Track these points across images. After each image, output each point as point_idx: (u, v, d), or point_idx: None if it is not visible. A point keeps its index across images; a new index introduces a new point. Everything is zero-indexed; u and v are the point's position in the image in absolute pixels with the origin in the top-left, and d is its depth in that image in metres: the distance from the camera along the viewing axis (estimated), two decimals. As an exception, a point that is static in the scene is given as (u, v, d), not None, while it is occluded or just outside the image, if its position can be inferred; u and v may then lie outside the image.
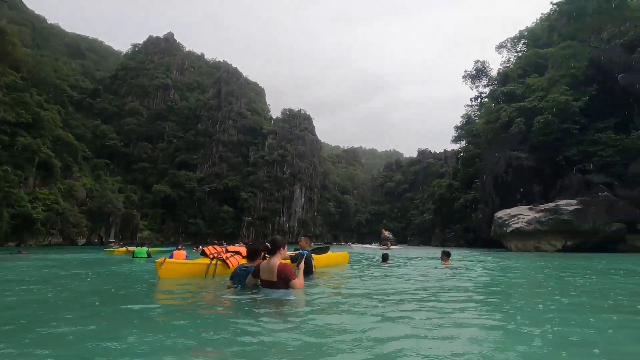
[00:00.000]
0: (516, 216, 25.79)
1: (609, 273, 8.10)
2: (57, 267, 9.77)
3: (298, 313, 3.24)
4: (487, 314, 3.26)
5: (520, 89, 40.91)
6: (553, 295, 4.59)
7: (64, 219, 48.47)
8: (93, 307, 3.72)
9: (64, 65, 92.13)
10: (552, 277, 7.31)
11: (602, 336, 2.49)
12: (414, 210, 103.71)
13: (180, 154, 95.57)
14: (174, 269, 6.18)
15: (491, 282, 6.13)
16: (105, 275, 7.41)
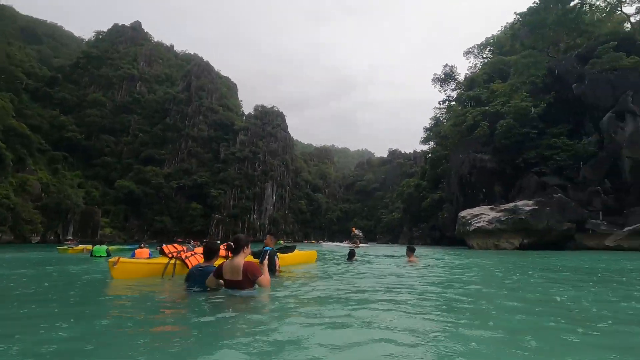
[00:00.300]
0: (478, 215, 26.95)
1: (554, 269, 8.67)
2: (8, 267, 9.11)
3: (264, 311, 3.25)
4: (436, 312, 3.37)
5: (485, 93, 42.74)
6: (503, 292, 4.83)
7: (15, 215, 45.29)
8: (26, 311, 3.47)
9: (17, 51, 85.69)
10: (508, 274, 7.71)
11: (535, 326, 2.66)
12: (383, 209, 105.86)
13: (146, 149, 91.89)
14: (129, 269, 5.81)
15: (448, 279, 6.37)
16: (52, 276, 6.87)
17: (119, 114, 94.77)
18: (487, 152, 36.04)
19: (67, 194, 57.62)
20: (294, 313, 3.18)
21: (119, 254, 13.40)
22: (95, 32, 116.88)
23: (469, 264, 10.64)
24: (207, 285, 4.08)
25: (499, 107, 35.89)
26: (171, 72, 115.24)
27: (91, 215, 62.24)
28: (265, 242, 6.44)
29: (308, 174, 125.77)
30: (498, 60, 48.46)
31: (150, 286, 5.00)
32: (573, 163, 29.59)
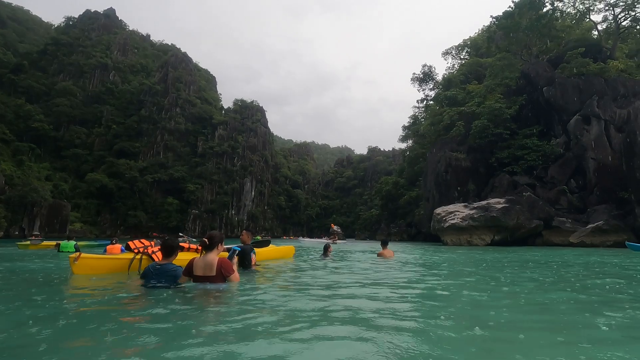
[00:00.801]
0: (453, 213, 27.73)
1: (523, 264, 9.06)
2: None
3: (232, 303, 3.26)
4: (404, 306, 3.46)
5: (462, 94, 43.86)
6: (473, 285, 5.01)
7: (-24, 208, 42.84)
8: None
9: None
10: (477, 268, 7.97)
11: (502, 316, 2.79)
12: (362, 205, 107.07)
13: (120, 141, 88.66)
14: (90, 264, 5.56)
15: (418, 273, 6.53)
16: (5, 272, 6.47)
17: (91, 104, 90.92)
18: (462, 151, 37.06)
19: (33, 187, 54.96)
20: (263, 306, 3.18)
21: (89, 250, 12.94)
22: (65, 18, 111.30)
23: (440, 259, 10.94)
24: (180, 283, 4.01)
25: (474, 108, 36.94)
26: (147, 63, 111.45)
27: (59, 210, 59.64)
28: (242, 239, 6.38)
29: (288, 170, 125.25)
30: (474, 62, 49.80)
31: (113, 283, 4.71)
32: (542, 163, 30.93)
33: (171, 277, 3.92)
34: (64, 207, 60.85)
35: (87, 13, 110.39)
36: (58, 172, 74.39)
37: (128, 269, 5.61)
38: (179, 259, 5.35)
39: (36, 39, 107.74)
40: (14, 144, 64.94)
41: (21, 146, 66.73)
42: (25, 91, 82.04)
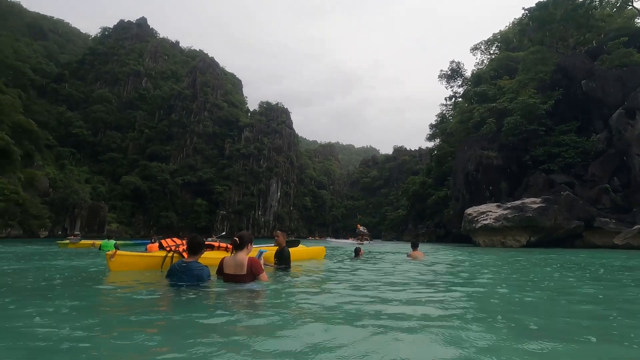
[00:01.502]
0: (485, 213, 26.80)
1: (566, 267, 8.60)
2: (4, 260, 9.22)
3: (267, 305, 3.25)
4: (440, 308, 3.36)
5: (492, 90, 42.37)
6: (510, 288, 4.80)
7: (23, 210, 45.77)
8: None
9: (25, 47, 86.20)
10: (515, 270, 7.66)
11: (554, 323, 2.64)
12: (388, 206, 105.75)
13: (152, 145, 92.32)
14: (125, 261, 5.85)
15: (456, 275, 6.35)
16: (49, 269, 6.77)
17: (125, 110, 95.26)
18: (493, 149, 35.77)
19: (74, 190, 58.16)
20: (298, 307, 3.17)
21: (131, 249, 13.53)
22: (101, 29, 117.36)
23: (478, 261, 10.59)
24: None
25: (506, 104, 35.57)
26: (176, 69, 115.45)
27: (98, 211, 62.74)
28: (278, 240, 6.36)
29: (313, 171, 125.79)
30: (505, 57, 47.99)
31: (146, 280, 4.82)
32: (581, 161, 29.28)
33: (196, 275, 3.89)
34: (101, 208, 63.97)
35: (121, 23, 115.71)
36: (96, 175, 78.41)
37: (161, 267, 5.79)
38: (208, 257, 5.50)
39: (75, 49, 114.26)
40: (56, 149, 69.08)
41: (63, 151, 70.86)
42: (66, 99, 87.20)
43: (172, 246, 6.08)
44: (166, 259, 5.84)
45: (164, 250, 6.05)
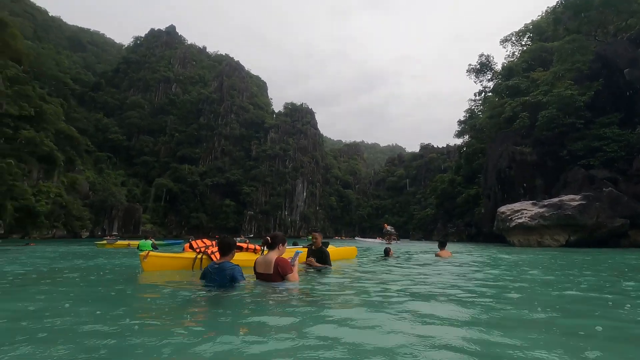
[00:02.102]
0: (519, 211, 25.70)
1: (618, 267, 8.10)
2: (48, 259, 9.83)
3: (295, 302, 3.25)
4: (481, 311, 3.25)
5: (525, 83, 40.59)
6: (550, 291, 4.58)
7: (67, 212, 48.74)
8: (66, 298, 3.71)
9: (65, 58, 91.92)
10: (556, 272, 7.30)
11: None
12: (415, 204, 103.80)
13: (182, 148, 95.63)
14: (157, 262, 6.08)
15: (494, 276, 6.13)
16: (89, 268, 7.12)
17: (157, 115, 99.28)
18: (527, 144, 34.25)
19: (112, 192, 61.28)
20: (331, 308, 3.11)
21: (169, 249, 14.09)
22: (133, 38, 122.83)
23: (516, 260, 10.18)
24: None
25: (540, 97, 33.94)
26: (204, 73, 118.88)
27: (133, 212, 65.73)
28: (317, 242, 6.38)
29: (338, 171, 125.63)
30: (538, 47, 45.80)
31: (180, 282, 4.87)
32: (625, 155, 27.44)
33: (229, 275, 3.85)
34: (137, 209, 66.95)
35: (152, 32, 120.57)
36: (131, 178, 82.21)
37: (192, 267, 6.03)
38: (237, 259, 5.62)
39: (110, 59, 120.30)
40: (95, 154, 73.01)
41: (101, 156, 74.81)
42: (103, 106, 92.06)
43: (201, 247, 6.29)
44: (196, 260, 6.08)
45: (194, 252, 6.27)
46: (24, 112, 47.41)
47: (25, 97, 49.01)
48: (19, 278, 5.46)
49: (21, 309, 2.99)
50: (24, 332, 2.25)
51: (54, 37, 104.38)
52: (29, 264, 8.22)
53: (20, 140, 45.55)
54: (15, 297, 3.76)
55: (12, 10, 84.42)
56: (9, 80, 46.61)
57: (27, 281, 5.21)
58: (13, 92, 46.89)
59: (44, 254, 12.21)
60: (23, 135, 45.89)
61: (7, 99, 44.55)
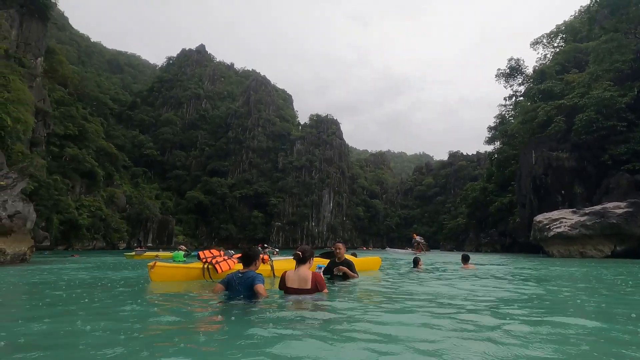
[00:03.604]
0: (558, 220, 24.40)
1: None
2: (83, 270, 10.36)
3: (336, 316, 3.23)
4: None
5: (559, 86, 38.96)
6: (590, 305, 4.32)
7: (106, 224, 51.31)
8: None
9: (105, 80, 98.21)
10: (598, 285, 6.87)
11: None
12: (445, 214, 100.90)
13: (212, 161, 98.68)
14: (165, 272, 6.21)
15: (533, 292, 5.85)
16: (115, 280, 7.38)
17: (188, 131, 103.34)
18: (564, 149, 32.65)
19: (147, 205, 63.97)
20: (365, 323, 2.96)
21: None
22: (166, 58, 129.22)
23: (558, 273, 9.67)
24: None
25: (576, 100, 32.42)
26: (232, 89, 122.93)
27: (166, 224, 68.15)
28: (342, 253, 6.35)
29: (364, 181, 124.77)
30: (572, 49, 43.93)
31: (190, 293, 4.92)
32: (676, 158, 25.57)
33: (250, 284, 3.81)
34: (170, 222, 69.39)
35: (183, 51, 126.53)
36: (164, 192, 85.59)
37: (203, 276, 6.25)
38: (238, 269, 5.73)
39: (145, 79, 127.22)
40: (131, 169, 76.82)
41: (137, 170, 78.58)
42: (139, 124, 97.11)
43: (209, 258, 6.48)
44: (204, 271, 6.31)
45: (201, 262, 6.48)
46: (69, 131, 50.92)
47: (70, 117, 52.68)
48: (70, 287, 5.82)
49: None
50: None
51: (96, 61, 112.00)
52: (70, 274, 8.75)
53: (65, 157, 48.81)
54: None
55: (59, 38, 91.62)
56: (55, 103, 50.29)
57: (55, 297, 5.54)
58: (59, 113, 50.51)
59: (84, 265, 12.94)
60: (68, 152, 49.16)
61: (54, 120, 47.99)
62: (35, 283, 6.81)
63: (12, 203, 14.73)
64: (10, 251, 13.90)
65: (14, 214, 14.56)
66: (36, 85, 41.59)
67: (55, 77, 54.11)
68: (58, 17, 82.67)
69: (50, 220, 39.36)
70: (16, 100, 27.53)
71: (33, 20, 43.19)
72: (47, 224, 38.52)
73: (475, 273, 8.74)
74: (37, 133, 40.47)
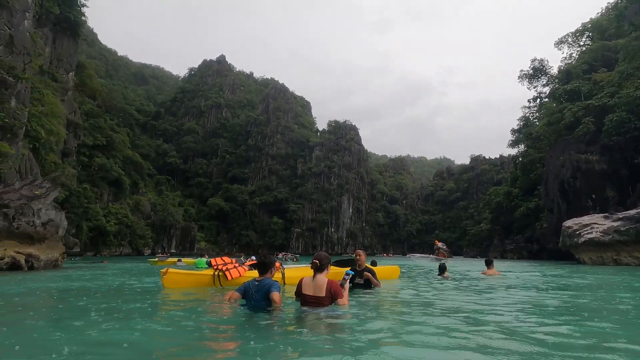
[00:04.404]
0: (589, 225, 23.31)
1: None
2: (111, 275, 10.66)
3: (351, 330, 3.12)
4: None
5: (586, 86, 37.58)
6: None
7: (132, 231, 52.95)
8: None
9: (131, 92, 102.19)
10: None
11: None
12: (468, 219, 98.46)
13: (232, 169, 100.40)
14: (177, 279, 6.35)
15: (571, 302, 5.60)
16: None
17: (209, 139, 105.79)
18: (593, 152, 31.38)
19: (170, 212, 65.64)
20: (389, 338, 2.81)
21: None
22: (188, 69, 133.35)
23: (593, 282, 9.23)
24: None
25: (606, 100, 31.18)
26: (251, 97, 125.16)
27: (189, 231, 69.63)
28: (362, 260, 6.06)
29: (384, 186, 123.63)
30: (600, 47, 42.31)
31: (200, 299, 5.10)
32: None
33: (267, 291, 3.78)
34: (192, 228, 70.88)
35: (204, 62, 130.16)
36: (187, 199, 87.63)
37: (213, 283, 6.43)
38: (250, 276, 5.70)
39: (168, 90, 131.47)
40: (155, 177, 79.16)
41: (161, 179, 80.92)
42: (162, 133, 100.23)
43: (219, 265, 6.64)
44: (215, 278, 6.47)
45: (211, 269, 6.64)
46: (97, 141, 53.15)
47: (98, 128, 55.00)
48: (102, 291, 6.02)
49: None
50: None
51: (122, 74, 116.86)
52: (101, 279, 9.06)
53: (94, 167, 50.90)
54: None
55: (89, 53, 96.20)
56: (85, 114, 52.69)
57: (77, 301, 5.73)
58: (89, 125, 52.84)
59: (112, 271, 13.38)
60: (96, 162, 51.25)
61: (84, 131, 50.21)
62: (66, 289, 7.09)
63: (46, 211, 15.44)
64: (44, 257, 14.54)
65: (47, 222, 15.25)
66: (67, 98, 43.77)
67: (85, 91, 56.76)
68: (87, 33, 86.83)
69: (80, 227, 41.00)
70: (49, 114, 29.02)
71: (65, 38, 45.60)
72: (77, 231, 40.12)
73: (500, 280, 8.46)
74: (69, 144, 42.48)
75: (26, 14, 23.56)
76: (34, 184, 16.59)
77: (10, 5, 21.59)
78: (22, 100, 21.63)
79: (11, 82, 19.92)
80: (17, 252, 13.37)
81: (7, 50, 21.08)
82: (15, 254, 13.24)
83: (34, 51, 24.77)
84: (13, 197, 14.54)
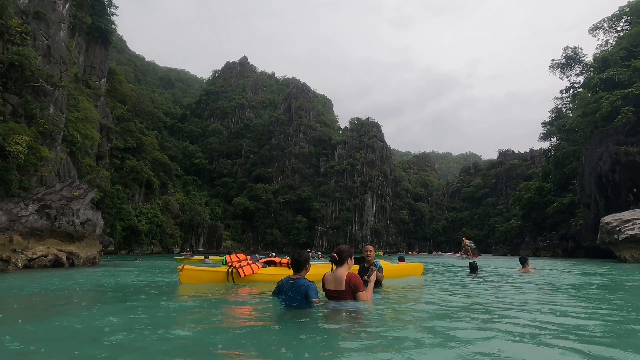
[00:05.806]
0: (630, 221, 21.99)
1: None
2: (144, 272, 11.04)
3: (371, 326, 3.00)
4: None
5: (625, 73, 35.38)
6: None
7: (162, 230, 54.85)
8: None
9: (158, 96, 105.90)
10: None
11: None
12: (497, 216, 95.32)
13: (256, 168, 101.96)
14: (193, 275, 6.59)
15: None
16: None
17: (233, 140, 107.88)
18: (634, 143, 29.54)
19: (197, 212, 67.48)
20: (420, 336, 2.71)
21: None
22: (212, 72, 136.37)
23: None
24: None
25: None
26: (273, 97, 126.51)
27: (215, 229, 71.39)
28: (370, 256, 5.63)
29: (408, 183, 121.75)
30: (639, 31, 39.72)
31: (219, 293, 5.32)
32: None
33: (303, 292, 3.68)
34: (218, 227, 72.62)
35: (227, 64, 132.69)
36: (213, 198, 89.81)
37: (227, 279, 6.59)
38: (269, 273, 5.58)
39: (194, 92, 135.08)
40: (183, 178, 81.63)
41: (188, 179, 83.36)
42: (188, 135, 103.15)
43: (234, 262, 6.78)
44: (229, 274, 6.63)
45: (226, 266, 6.79)
46: (128, 144, 55.38)
47: (129, 131, 57.29)
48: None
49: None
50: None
51: (150, 79, 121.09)
52: (138, 275, 9.42)
53: (125, 169, 53.06)
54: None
55: (119, 60, 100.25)
56: (116, 119, 55.02)
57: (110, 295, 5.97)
58: (120, 128, 55.15)
59: (144, 267, 13.90)
60: (128, 164, 53.41)
61: (116, 135, 52.44)
62: (107, 285, 7.44)
63: (84, 211, 16.27)
64: (83, 255, 15.33)
65: (85, 221, 16.06)
66: (100, 104, 45.87)
67: (115, 96, 59.28)
68: (117, 41, 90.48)
69: (114, 227, 42.87)
70: (84, 119, 30.50)
71: (97, 46, 47.77)
72: (112, 230, 42.00)
73: (537, 279, 8.14)
74: (102, 147, 44.53)
75: (61, 25, 24.87)
76: (72, 185, 17.51)
77: (47, 17, 22.85)
78: (59, 106, 22.86)
79: (49, 90, 21.07)
80: (59, 249, 14.17)
81: (45, 60, 22.32)
82: (57, 251, 14.03)
83: (69, 60, 26.12)
84: (54, 199, 15.40)
